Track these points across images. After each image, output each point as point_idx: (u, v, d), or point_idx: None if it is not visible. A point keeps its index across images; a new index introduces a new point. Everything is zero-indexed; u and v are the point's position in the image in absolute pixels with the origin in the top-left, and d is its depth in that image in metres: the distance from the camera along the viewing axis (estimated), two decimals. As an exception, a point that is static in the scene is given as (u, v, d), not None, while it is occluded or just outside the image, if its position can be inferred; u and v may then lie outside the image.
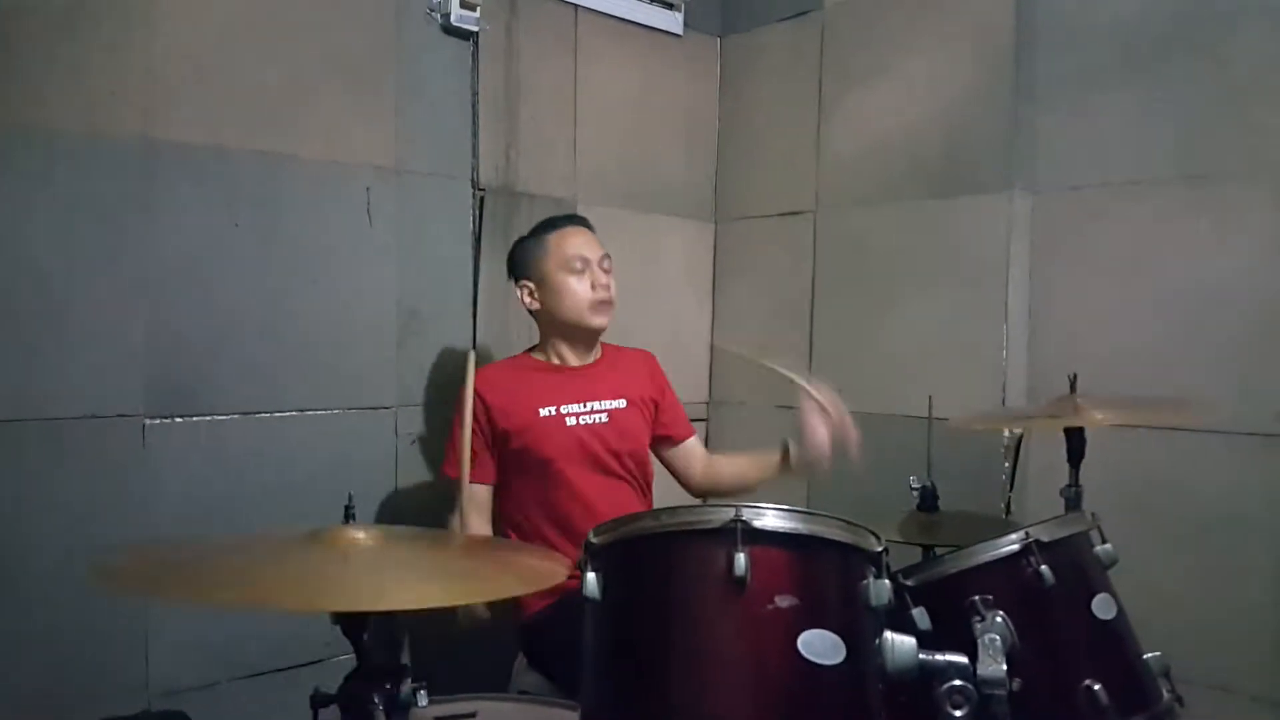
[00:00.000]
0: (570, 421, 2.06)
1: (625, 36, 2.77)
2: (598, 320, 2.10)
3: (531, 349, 2.21)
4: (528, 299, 2.13)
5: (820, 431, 1.92)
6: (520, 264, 2.16)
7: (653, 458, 2.23)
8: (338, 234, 2.20)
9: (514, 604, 2.08)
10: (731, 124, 3.02)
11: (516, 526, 2.08)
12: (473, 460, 1.99)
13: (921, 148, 2.53)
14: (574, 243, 2.09)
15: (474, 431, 2.01)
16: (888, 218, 2.61)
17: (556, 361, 2.15)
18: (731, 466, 2.23)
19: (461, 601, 1.77)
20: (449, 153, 2.40)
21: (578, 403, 2.08)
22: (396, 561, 1.21)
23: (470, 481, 2.00)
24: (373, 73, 2.25)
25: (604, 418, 2.09)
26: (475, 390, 2.00)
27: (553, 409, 2.05)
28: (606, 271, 2.11)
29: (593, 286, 2.08)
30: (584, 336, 2.13)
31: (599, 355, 2.19)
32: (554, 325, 2.12)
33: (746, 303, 2.97)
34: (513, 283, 2.19)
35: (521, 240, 2.19)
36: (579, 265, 2.07)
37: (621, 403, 2.12)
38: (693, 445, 2.27)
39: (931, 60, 2.52)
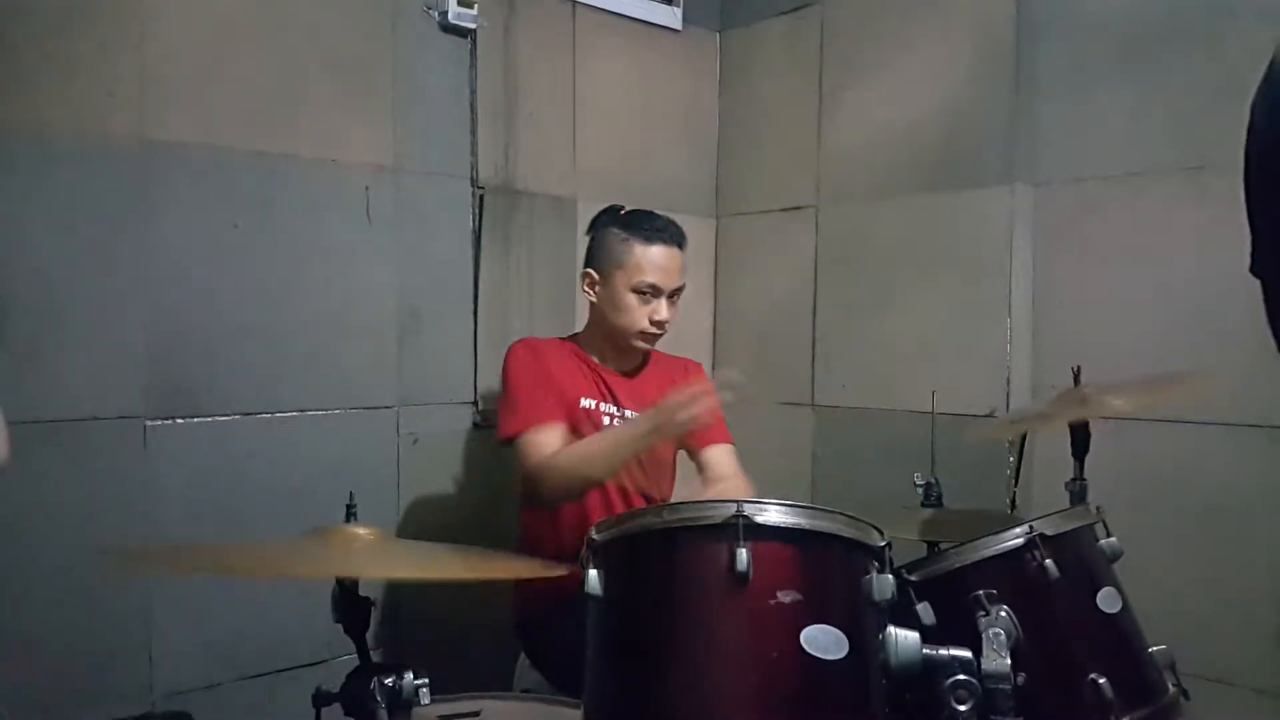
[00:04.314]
0: (605, 421, 2.02)
1: (623, 32, 2.76)
2: (641, 344, 2.04)
3: (576, 336, 2.16)
4: (585, 287, 2.06)
5: None
6: (593, 252, 2.06)
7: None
8: (337, 234, 2.19)
9: (512, 603, 2.07)
10: (731, 119, 3.00)
11: (534, 528, 2.06)
12: (547, 407, 1.93)
13: (923, 141, 2.52)
14: (653, 267, 1.97)
15: (543, 380, 1.96)
16: (890, 212, 2.60)
17: (600, 361, 2.09)
18: None
19: (462, 577, 1.72)
20: (448, 151, 2.39)
21: (615, 405, 2.05)
22: (399, 549, 1.25)
23: (548, 422, 1.91)
24: (370, 71, 2.24)
25: None
26: (539, 353, 2.00)
27: (593, 403, 2.03)
28: (672, 305, 2.01)
29: (650, 319, 1.99)
30: (626, 349, 2.08)
31: (645, 364, 2.13)
32: (601, 324, 2.07)
33: (748, 299, 2.96)
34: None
35: (611, 224, 2.04)
36: (646, 292, 1.98)
37: None
38: (718, 455, 2.12)
39: (932, 53, 2.51)
